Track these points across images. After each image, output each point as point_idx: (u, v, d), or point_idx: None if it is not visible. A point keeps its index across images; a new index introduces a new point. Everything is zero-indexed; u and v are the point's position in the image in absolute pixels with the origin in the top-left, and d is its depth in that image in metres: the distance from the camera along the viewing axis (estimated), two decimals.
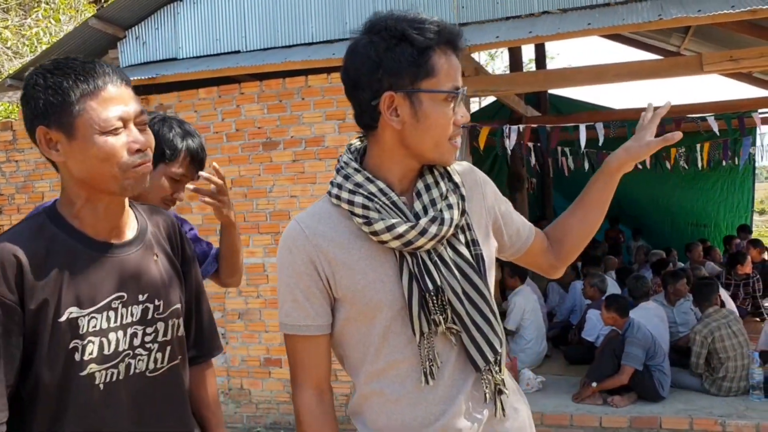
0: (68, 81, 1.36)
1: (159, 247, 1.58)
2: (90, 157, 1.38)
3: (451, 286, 1.41)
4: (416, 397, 1.44)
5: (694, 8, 4.61)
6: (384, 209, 1.40)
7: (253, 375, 5.66)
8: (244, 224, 5.64)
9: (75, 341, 1.38)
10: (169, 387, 1.55)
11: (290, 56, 5.39)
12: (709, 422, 4.73)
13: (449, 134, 1.40)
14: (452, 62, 1.39)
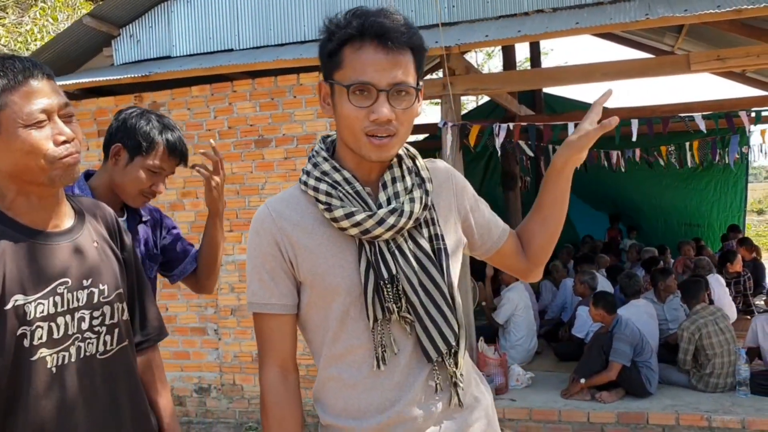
0: None
1: (98, 235, 1.63)
2: (15, 151, 1.40)
3: (407, 276, 1.44)
4: (372, 383, 1.47)
5: (681, 8, 4.66)
6: (346, 197, 1.45)
7: (245, 370, 5.70)
8: (236, 221, 5.68)
9: (23, 327, 1.41)
10: (120, 368, 1.60)
11: (282, 54, 5.43)
12: (695, 418, 4.77)
13: (363, 128, 1.39)
14: (364, 56, 1.37)
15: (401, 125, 1.41)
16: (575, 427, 4.98)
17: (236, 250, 5.68)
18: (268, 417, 1.52)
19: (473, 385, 1.58)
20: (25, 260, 1.45)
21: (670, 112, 7.22)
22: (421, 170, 1.53)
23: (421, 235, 1.48)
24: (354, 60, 1.38)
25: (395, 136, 1.41)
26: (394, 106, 1.38)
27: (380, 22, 1.37)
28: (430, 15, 5.56)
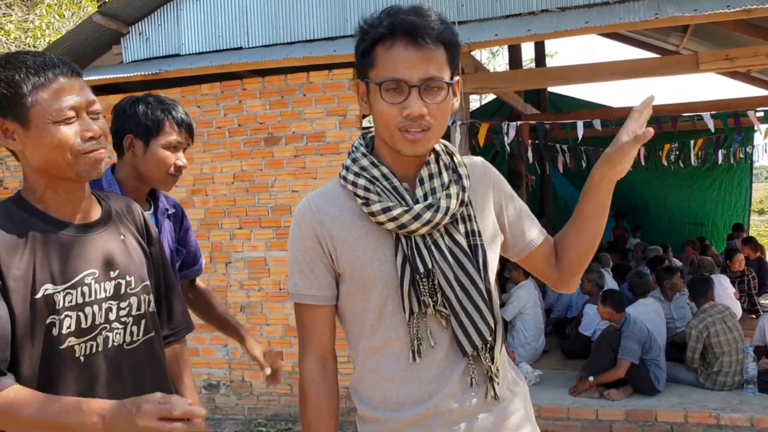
0: (20, 74, 1.43)
1: (125, 229, 1.67)
2: (44, 146, 1.45)
3: (443, 270, 1.47)
4: (409, 376, 1.50)
5: (690, 7, 4.68)
6: (384, 193, 1.48)
7: (254, 367, 5.72)
8: (246, 219, 5.71)
9: (52, 317, 1.45)
10: (146, 358, 1.64)
11: (292, 53, 5.45)
12: (703, 415, 4.79)
13: (397, 124, 1.42)
14: (395, 53, 1.40)
15: (435, 120, 1.43)
16: (584, 425, 5.00)
17: (246, 247, 5.71)
18: (306, 405, 1.55)
19: (509, 379, 1.61)
20: (54, 251, 1.49)
21: (675, 112, 7.24)
22: (459, 166, 1.55)
23: (457, 231, 1.50)
24: (386, 58, 1.41)
25: (429, 130, 1.43)
26: (426, 101, 1.41)
27: (410, 20, 1.39)
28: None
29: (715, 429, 4.76)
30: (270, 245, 5.67)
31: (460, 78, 1.50)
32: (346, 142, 5.46)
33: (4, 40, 9.87)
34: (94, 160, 1.49)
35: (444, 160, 1.55)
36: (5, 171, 6.27)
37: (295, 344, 5.63)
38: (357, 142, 1.60)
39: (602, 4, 5.31)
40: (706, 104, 7.57)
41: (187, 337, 1.97)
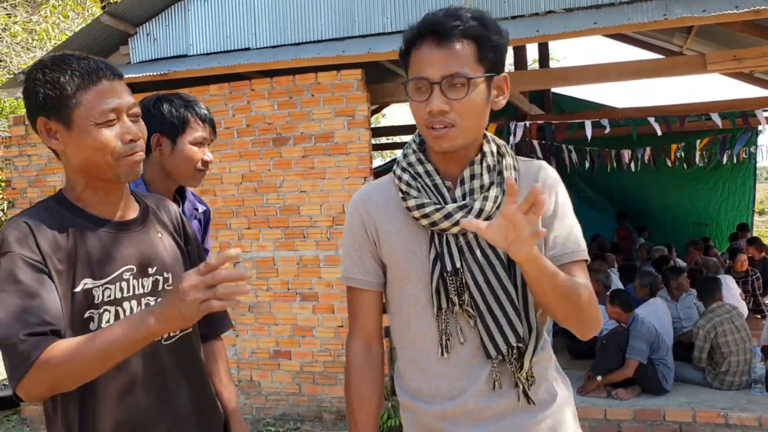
0: (65, 76, 1.47)
1: (162, 227, 1.70)
2: (86, 147, 1.49)
3: (471, 271, 1.48)
4: (439, 370, 1.54)
5: (699, 8, 4.69)
6: (424, 189, 1.52)
7: (262, 367, 5.74)
8: (254, 218, 5.73)
9: (90, 311, 1.48)
10: (185, 355, 1.66)
11: (300, 53, 5.47)
12: (711, 415, 4.81)
13: (424, 121, 1.46)
14: (421, 54, 1.44)
15: (459, 116, 1.44)
16: (592, 424, 5.02)
17: (254, 247, 5.72)
18: (349, 386, 1.62)
19: (547, 384, 1.57)
20: (94, 247, 1.51)
21: (680, 112, 7.26)
22: (506, 169, 1.53)
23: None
24: (415, 59, 1.46)
25: (454, 127, 1.45)
26: (449, 97, 1.43)
27: (435, 19, 1.44)
28: None
29: (723, 428, 4.78)
30: (278, 245, 5.68)
31: (505, 75, 1.50)
32: (354, 143, 5.48)
33: (10, 41, 9.89)
34: (133, 162, 1.53)
35: (488, 161, 1.54)
36: (13, 172, 6.28)
37: (303, 344, 5.65)
38: (411, 138, 1.65)
39: (609, 4, 5.32)
40: (712, 104, 7.56)
41: None
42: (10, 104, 10.92)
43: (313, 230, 5.61)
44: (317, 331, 5.62)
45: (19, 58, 9.99)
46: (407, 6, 5.67)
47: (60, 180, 6.14)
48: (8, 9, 10.31)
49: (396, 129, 10.88)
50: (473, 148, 1.54)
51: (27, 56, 9.96)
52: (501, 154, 1.56)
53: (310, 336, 5.64)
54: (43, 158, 6.19)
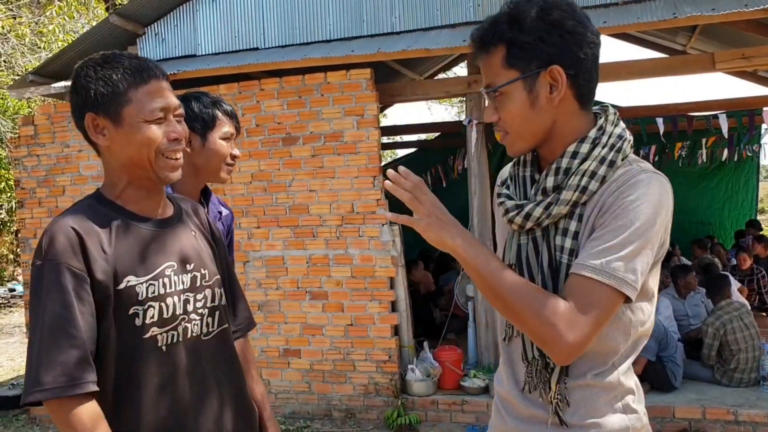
0: (117, 74, 1.52)
1: (195, 226, 1.74)
2: (133, 143, 1.53)
3: (521, 270, 1.47)
4: (506, 357, 1.61)
5: (708, 7, 4.71)
6: (515, 179, 1.55)
7: (272, 365, 5.76)
8: (263, 218, 5.75)
9: (135, 307, 1.50)
10: (221, 349, 1.70)
11: (309, 53, 5.49)
12: (721, 412, 4.83)
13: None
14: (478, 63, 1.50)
15: (506, 123, 1.44)
16: None
17: (264, 246, 5.74)
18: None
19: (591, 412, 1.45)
20: (136, 244, 1.54)
21: (686, 111, 7.29)
22: (576, 175, 1.41)
23: (548, 240, 1.46)
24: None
25: (508, 134, 1.46)
26: (496, 107, 1.45)
27: (475, 30, 1.45)
28: (456, 13, 5.61)
29: (733, 425, 4.80)
30: (287, 244, 5.71)
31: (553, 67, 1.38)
32: (364, 142, 5.50)
33: (17, 42, 9.92)
34: (173, 167, 1.59)
35: (563, 162, 1.43)
36: (22, 171, 6.30)
37: (312, 343, 5.67)
38: None
39: (618, 4, 5.34)
40: (717, 102, 7.59)
41: None
42: (14, 104, 10.94)
43: (323, 229, 5.63)
44: (327, 330, 5.65)
45: (24, 59, 10.00)
46: (415, 5, 5.68)
47: (69, 180, 6.17)
48: (14, 11, 10.32)
49: (397, 129, 10.90)
50: (560, 146, 1.44)
51: (33, 57, 9.98)
52: (585, 159, 1.41)
53: (319, 334, 5.66)
54: (51, 158, 6.21)
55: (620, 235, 1.32)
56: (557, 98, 1.40)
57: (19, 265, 15.26)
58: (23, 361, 8.26)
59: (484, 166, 5.76)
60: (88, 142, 1.58)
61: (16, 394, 6.59)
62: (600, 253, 1.32)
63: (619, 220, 1.33)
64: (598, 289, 1.31)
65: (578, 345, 1.31)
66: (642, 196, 1.33)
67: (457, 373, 5.57)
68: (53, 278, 1.42)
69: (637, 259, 1.32)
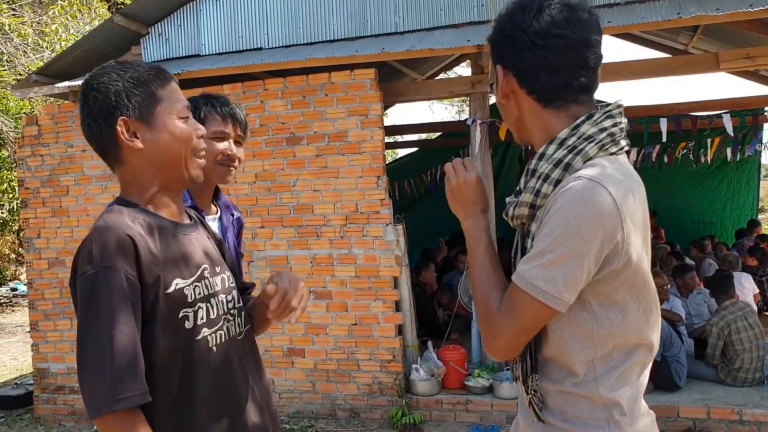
0: (142, 75, 1.53)
1: (208, 231, 1.76)
2: (169, 140, 1.54)
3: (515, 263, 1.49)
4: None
5: (713, 7, 4.71)
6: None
7: (276, 365, 5.77)
8: (267, 218, 5.75)
9: (185, 310, 1.50)
10: (252, 347, 1.73)
11: (313, 53, 5.50)
12: (726, 411, 4.84)
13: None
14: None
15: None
16: None
17: (268, 246, 5.75)
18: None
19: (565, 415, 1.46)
20: (177, 248, 1.54)
21: (688, 110, 7.29)
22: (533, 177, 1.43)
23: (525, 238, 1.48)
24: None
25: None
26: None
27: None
28: (460, 13, 5.61)
29: (737, 425, 4.81)
30: (291, 244, 5.71)
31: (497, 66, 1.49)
32: (368, 142, 5.51)
33: (19, 42, 9.92)
34: (199, 165, 1.61)
35: (531, 163, 1.45)
36: (26, 171, 6.30)
37: (317, 342, 5.68)
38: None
39: (622, 3, 5.34)
40: (720, 102, 7.59)
41: None
42: (16, 104, 10.94)
43: (327, 229, 5.63)
44: (331, 329, 5.65)
45: (27, 59, 10.00)
46: (419, 5, 5.69)
47: (73, 180, 6.17)
48: (17, 10, 10.32)
49: (399, 128, 10.90)
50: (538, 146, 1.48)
51: (36, 56, 9.98)
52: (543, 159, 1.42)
53: (323, 334, 5.67)
54: (55, 158, 6.21)
55: (543, 243, 1.33)
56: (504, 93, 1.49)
57: (22, 264, 15.27)
58: (26, 361, 8.28)
59: (488, 165, 5.77)
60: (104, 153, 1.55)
61: (20, 394, 6.60)
62: (526, 260, 1.36)
63: (545, 227, 1.34)
64: (519, 295, 1.36)
65: (501, 347, 1.40)
66: (565, 205, 1.31)
67: (461, 372, 5.58)
68: (111, 286, 1.38)
69: (557, 268, 1.31)
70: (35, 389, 6.38)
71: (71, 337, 6.18)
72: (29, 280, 6.42)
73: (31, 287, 6.37)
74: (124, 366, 1.35)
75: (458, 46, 5.09)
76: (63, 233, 6.20)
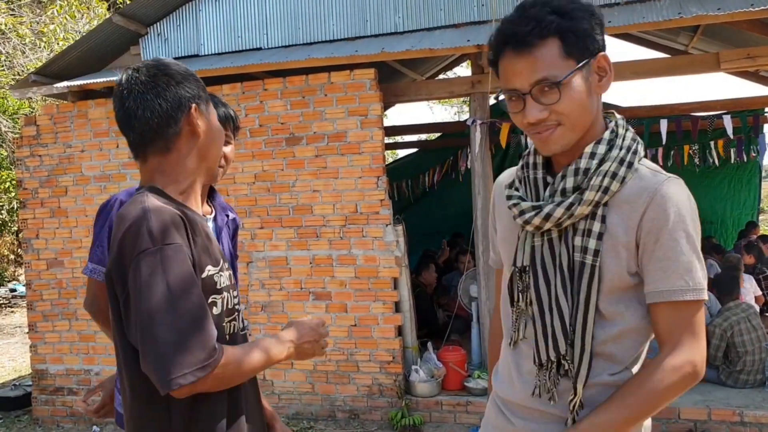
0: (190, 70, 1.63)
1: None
2: (216, 135, 1.65)
3: (536, 272, 1.47)
4: (508, 359, 1.60)
5: (714, 6, 4.70)
6: (525, 181, 1.53)
7: (275, 366, 5.72)
8: (267, 218, 5.73)
9: (214, 296, 1.52)
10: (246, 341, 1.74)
11: (312, 53, 5.48)
12: (727, 413, 4.82)
13: (525, 128, 1.44)
14: (505, 64, 1.41)
15: (562, 115, 1.38)
16: None
17: (267, 246, 5.73)
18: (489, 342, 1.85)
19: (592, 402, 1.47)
20: (205, 237, 1.57)
21: (688, 111, 7.27)
22: (597, 175, 1.41)
23: (567, 242, 1.44)
24: (501, 70, 1.44)
25: (561, 125, 1.40)
26: (544, 104, 1.37)
27: (508, 29, 1.39)
28: (460, 13, 5.60)
29: (739, 426, 4.79)
30: (291, 245, 5.69)
31: (600, 56, 1.40)
32: (367, 142, 5.48)
33: (18, 42, 9.89)
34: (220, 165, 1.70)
35: (582, 163, 1.43)
36: (25, 172, 6.28)
37: None
38: None
39: (623, 3, 5.32)
40: (721, 102, 7.57)
41: None
42: (14, 104, 10.92)
43: (326, 229, 5.61)
44: (330, 330, 5.63)
45: (25, 59, 9.98)
46: (419, 5, 5.67)
47: (71, 180, 6.15)
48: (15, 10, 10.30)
49: (399, 129, 10.88)
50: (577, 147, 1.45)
51: (34, 56, 9.96)
52: (605, 159, 1.42)
53: None
54: (54, 159, 6.19)
55: (686, 245, 1.39)
56: (606, 85, 1.42)
57: (21, 265, 15.25)
58: (24, 362, 8.26)
59: (488, 166, 5.75)
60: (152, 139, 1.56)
61: (18, 395, 6.58)
62: (689, 268, 1.38)
63: (677, 230, 1.38)
64: (699, 308, 1.40)
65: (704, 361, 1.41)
66: (683, 204, 1.40)
67: (460, 373, 5.56)
68: (177, 259, 1.41)
69: (702, 264, 1.44)
70: (33, 390, 6.35)
71: (70, 338, 6.16)
72: (28, 281, 6.40)
73: (29, 288, 6.35)
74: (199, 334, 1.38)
75: (458, 46, 5.07)
76: (61, 234, 6.18)
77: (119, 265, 1.43)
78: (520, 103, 1.40)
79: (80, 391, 6.14)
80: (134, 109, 1.54)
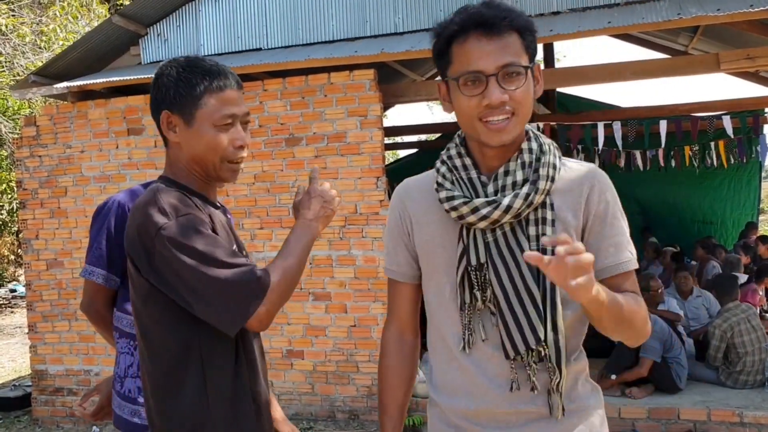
0: (196, 78, 1.60)
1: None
2: (200, 144, 1.62)
3: (496, 267, 1.46)
4: (461, 365, 1.53)
5: (713, 7, 4.70)
6: (458, 182, 1.52)
7: (275, 366, 5.74)
8: (267, 219, 5.73)
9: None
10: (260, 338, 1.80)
11: (312, 54, 5.48)
12: (727, 413, 4.81)
13: (478, 115, 1.43)
14: (469, 47, 1.42)
15: (518, 105, 1.42)
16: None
17: (267, 247, 5.73)
18: (380, 370, 1.70)
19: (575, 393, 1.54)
20: (224, 224, 1.68)
21: (688, 111, 7.27)
22: (543, 166, 1.48)
23: (523, 232, 1.47)
24: (461, 53, 1.43)
25: (514, 116, 1.43)
26: (506, 88, 1.40)
27: (479, 12, 1.42)
28: None
29: (738, 427, 4.78)
30: None
31: (538, 64, 1.49)
32: (367, 143, 5.49)
33: (18, 42, 9.90)
34: (234, 170, 1.68)
35: (525, 157, 1.49)
36: (24, 172, 6.28)
37: (316, 344, 5.66)
38: (457, 133, 1.62)
39: (623, 4, 5.32)
40: (721, 102, 7.57)
41: None
42: (14, 104, 10.92)
43: (326, 230, 5.58)
44: (330, 331, 5.63)
45: (26, 59, 9.98)
46: (419, 5, 5.67)
47: (71, 180, 6.15)
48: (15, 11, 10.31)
49: (399, 129, 10.88)
50: (515, 144, 1.49)
51: (34, 57, 9.96)
52: (543, 152, 1.50)
53: (322, 335, 5.65)
54: (53, 159, 6.19)
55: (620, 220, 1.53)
56: (539, 93, 1.49)
57: (21, 266, 15.25)
58: (24, 362, 8.26)
59: None
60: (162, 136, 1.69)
61: (18, 395, 6.58)
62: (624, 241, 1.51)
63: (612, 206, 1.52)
64: (635, 275, 1.54)
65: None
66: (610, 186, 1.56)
67: None
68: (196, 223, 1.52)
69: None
70: (33, 391, 6.35)
71: (69, 338, 6.16)
72: (27, 282, 6.40)
73: (29, 288, 6.35)
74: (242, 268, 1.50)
75: None
76: (61, 234, 6.18)
77: (141, 246, 1.52)
78: (480, 86, 1.41)
79: (80, 391, 6.14)
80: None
